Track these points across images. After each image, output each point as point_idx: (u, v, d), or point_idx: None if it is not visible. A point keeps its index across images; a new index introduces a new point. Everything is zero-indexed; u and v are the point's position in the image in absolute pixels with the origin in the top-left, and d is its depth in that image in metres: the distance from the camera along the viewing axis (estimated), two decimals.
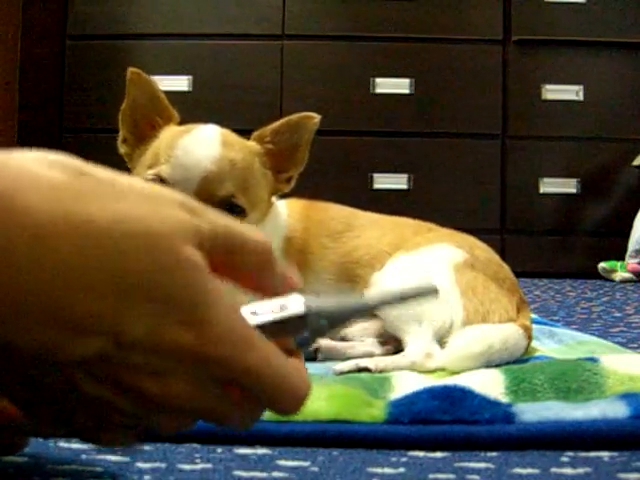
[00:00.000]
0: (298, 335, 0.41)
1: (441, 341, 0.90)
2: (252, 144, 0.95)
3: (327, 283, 1.00)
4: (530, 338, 0.93)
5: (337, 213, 1.07)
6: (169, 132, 0.92)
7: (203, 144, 0.89)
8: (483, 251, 1.02)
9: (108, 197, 0.34)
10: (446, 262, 0.96)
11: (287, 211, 1.03)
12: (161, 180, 0.86)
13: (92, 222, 0.32)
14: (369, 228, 1.05)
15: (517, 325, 0.92)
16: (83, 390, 0.35)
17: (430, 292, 0.44)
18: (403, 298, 0.44)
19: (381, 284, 0.95)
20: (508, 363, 0.87)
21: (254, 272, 0.39)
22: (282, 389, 0.38)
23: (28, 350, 0.33)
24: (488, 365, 0.84)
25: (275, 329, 0.39)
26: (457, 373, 0.82)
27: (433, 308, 0.90)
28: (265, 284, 0.41)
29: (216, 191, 0.86)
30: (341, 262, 1.01)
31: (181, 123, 0.96)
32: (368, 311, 0.44)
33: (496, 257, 1.03)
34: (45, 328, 0.32)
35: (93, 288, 0.32)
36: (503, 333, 0.88)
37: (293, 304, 0.40)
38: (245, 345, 0.36)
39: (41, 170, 0.33)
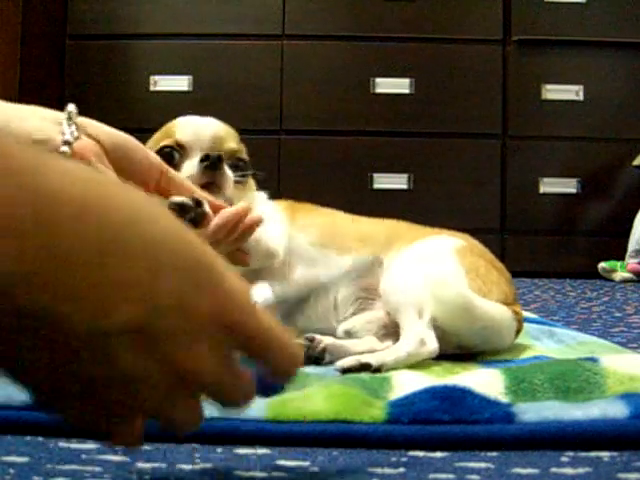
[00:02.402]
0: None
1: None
2: None
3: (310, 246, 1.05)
4: (520, 323, 0.96)
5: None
6: (159, 135, 1.01)
7: (201, 118, 1.01)
8: (477, 243, 1.06)
9: (132, 190, 0.39)
10: (448, 247, 1.00)
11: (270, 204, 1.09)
12: (178, 145, 0.97)
13: (128, 201, 0.37)
14: (356, 219, 1.11)
15: (508, 308, 0.94)
16: (119, 364, 0.36)
17: None
18: None
19: (392, 275, 0.98)
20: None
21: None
22: (285, 350, 0.42)
23: (72, 320, 0.35)
24: (482, 341, 0.91)
25: None
26: (456, 372, 0.82)
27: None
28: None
29: (225, 146, 0.99)
30: (322, 228, 1.07)
31: None
32: None
33: (489, 252, 1.06)
34: (90, 295, 0.35)
35: (131, 258, 0.36)
36: (494, 309, 0.92)
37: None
38: (252, 309, 0.41)
39: (75, 166, 0.37)
